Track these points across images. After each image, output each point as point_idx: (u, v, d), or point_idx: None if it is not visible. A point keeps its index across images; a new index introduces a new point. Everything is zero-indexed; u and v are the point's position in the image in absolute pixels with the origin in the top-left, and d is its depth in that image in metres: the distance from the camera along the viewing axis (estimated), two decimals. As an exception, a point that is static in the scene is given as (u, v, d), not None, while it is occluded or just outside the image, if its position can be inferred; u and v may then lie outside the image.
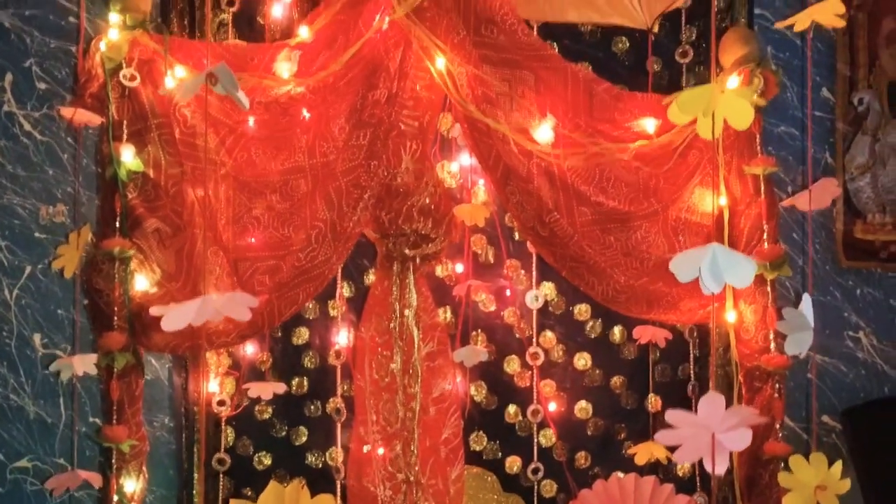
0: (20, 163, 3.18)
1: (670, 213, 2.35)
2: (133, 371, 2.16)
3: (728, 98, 1.54)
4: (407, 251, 2.36)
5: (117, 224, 2.15)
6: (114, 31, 2.20)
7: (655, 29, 2.87)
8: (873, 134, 3.26)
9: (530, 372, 3.08)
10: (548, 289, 3.09)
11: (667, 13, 2.86)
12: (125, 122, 2.17)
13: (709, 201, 2.31)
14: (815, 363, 3.03)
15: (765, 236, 2.26)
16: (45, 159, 3.19)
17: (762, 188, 2.27)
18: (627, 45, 3.15)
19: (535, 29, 2.96)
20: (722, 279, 1.43)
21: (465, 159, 2.93)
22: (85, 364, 2.20)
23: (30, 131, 3.20)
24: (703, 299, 2.29)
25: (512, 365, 3.11)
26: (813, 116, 3.16)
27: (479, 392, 3.08)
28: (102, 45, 2.19)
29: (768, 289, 2.26)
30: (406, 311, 2.33)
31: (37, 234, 3.21)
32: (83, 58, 2.28)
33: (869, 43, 3.26)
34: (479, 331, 3.05)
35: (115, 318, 2.10)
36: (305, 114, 2.28)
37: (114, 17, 2.21)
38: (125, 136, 2.17)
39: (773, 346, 2.23)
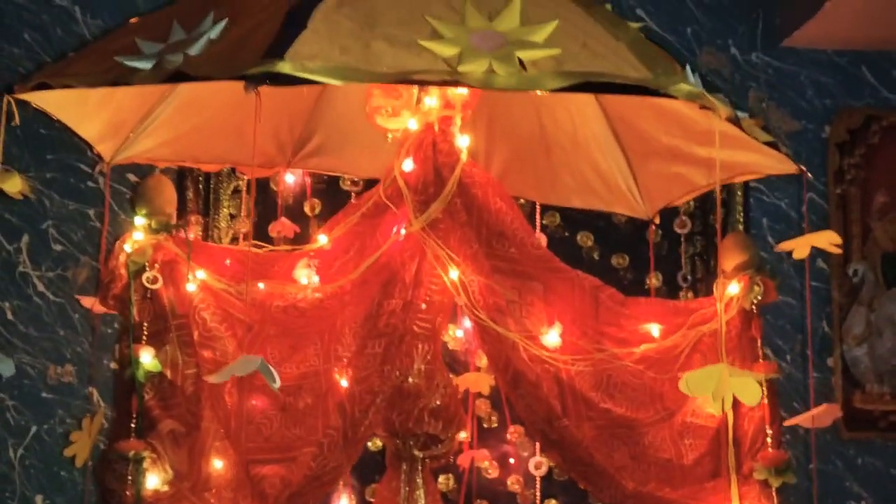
0: (32, 323, 3.22)
1: (677, 417, 2.41)
2: (142, 572, 2.15)
3: (737, 380, 1.61)
4: (416, 452, 2.39)
5: (132, 424, 2.17)
6: (139, 234, 2.27)
7: (657, 221, 2.98)
8: (868, 304, 3.34)
9: (534, 543, 3.06)
10: (551, 455, 3.10)
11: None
12: (145, 322, 2.22)
13: (713, 404, 2.35)
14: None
15: (769, 440, 2.31)
16: (56, 319, 3.24)
17: (765, 392, 2.32)
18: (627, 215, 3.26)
19: (537, 206, 3.10)
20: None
21: (469, 323, 2.99)
22: (91, 557, 2.19)
23: (43, 292, 3.25)
24: (710, 503, 2.33)
25: (516, 535, 3.10)
26: (810, 286, 3.24)
27: (482, 565, 3.06)
28: (127, 247, 2.26)
29: (773, 493, 2.29)
30: (415, 512, 2.34)
31: (44, 395, 3.22)
32: (106, 253, 2.34)
33: (862, 216, 3.38)
34: (482, 500, 3.05)
35: (126, 519, 2.11)
36: (321, 318, 2.35)
37: (139, 220, 2.28)
38: (144, 338, 2.22)
39: (780, 551, 2.25)
